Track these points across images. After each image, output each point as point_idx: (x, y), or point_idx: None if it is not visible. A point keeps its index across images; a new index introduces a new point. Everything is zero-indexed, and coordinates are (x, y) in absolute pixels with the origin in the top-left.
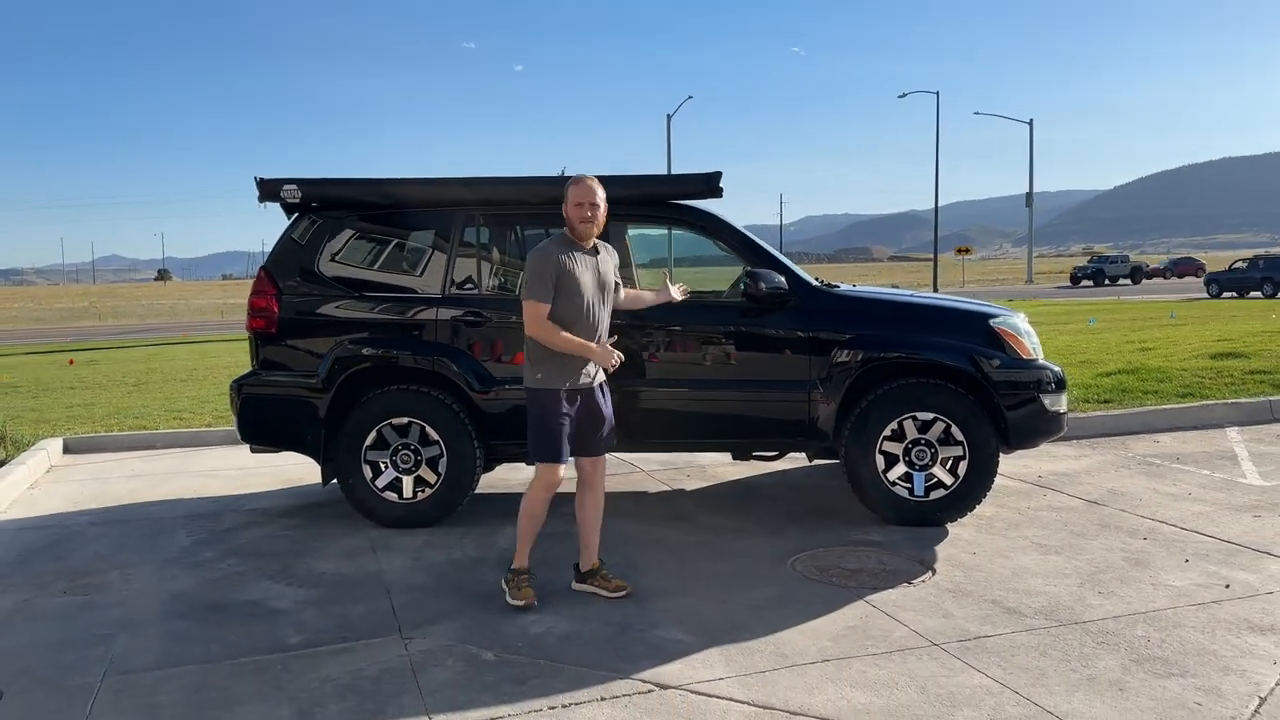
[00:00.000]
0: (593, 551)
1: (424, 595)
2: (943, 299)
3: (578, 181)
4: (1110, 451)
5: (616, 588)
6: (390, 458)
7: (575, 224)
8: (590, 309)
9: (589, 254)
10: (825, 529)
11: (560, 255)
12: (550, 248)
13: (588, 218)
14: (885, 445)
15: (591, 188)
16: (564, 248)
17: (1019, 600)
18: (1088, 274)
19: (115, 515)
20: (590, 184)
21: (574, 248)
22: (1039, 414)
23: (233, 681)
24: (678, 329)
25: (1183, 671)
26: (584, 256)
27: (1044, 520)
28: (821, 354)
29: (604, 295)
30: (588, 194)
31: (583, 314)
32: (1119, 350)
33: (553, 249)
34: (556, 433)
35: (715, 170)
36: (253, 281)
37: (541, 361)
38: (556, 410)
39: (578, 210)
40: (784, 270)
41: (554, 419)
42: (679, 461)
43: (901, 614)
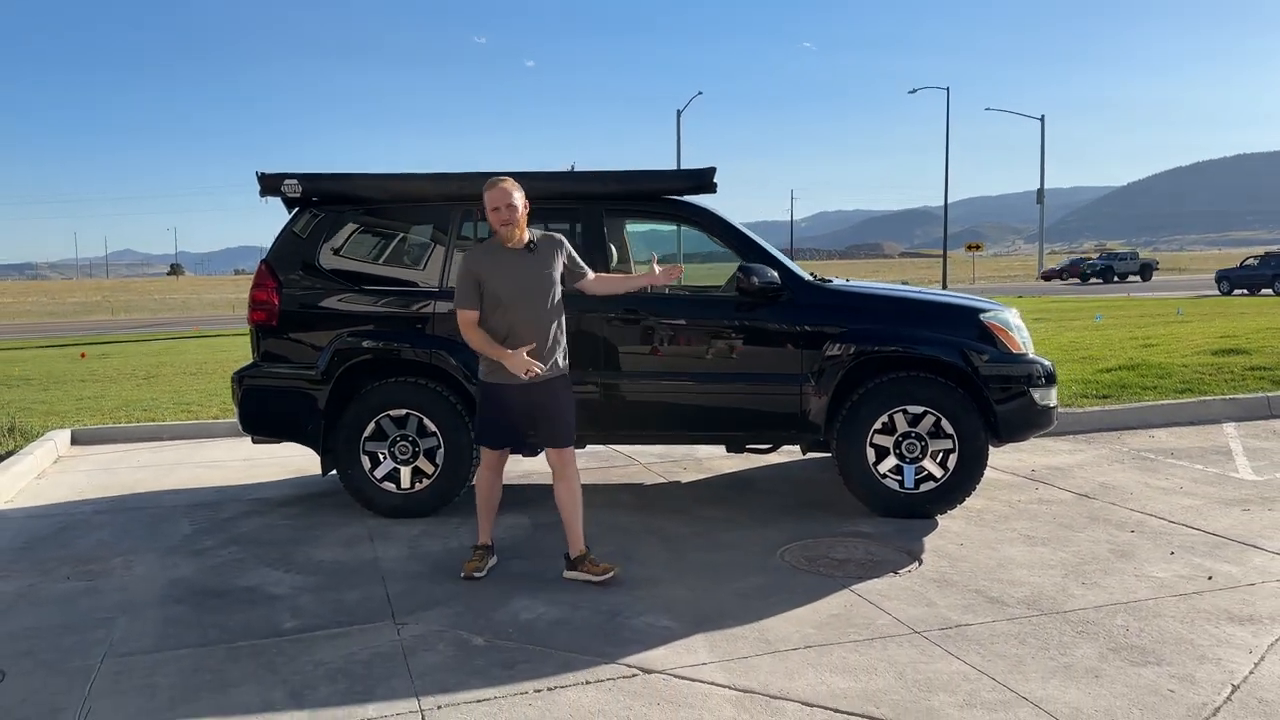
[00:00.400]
0: (577, 538)
1: (418, 582)
2: (935, 294)
3: (491, 186)
4: (1106, 446)
5: (603, 570)
6: (388, 449)
7: (496, 228)
8: (519, 308)
9: (519, 253)
10: (816, 520)
11: (481, 261)
12: (473, 254)
13: (505, 220)
14: (876, 438)
15: (505, 190)
16: (488, 252)
17: (1002, 590)
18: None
19: (120, 504)
20: (504, 187)
21: (499, 250)
22: (1028, 408)
23: (228, 664)
24: (673, 322)
25: (1159, 660)
26: (511, 256)
27: (1033, 513)
28: (813, 348)
29: (540, 294)
30: (501, 197)
31: (511, 314)
32: (1122, 346)
33: (474, 255)
34: (492, 421)
35: (709, 166)
36: (254, 275)
37: (485, 358)
38: (495, 402)
39: (494, 215)
40: (777, 265)
41: (492, 409)
42: (677, 454)
43: (886, 603)
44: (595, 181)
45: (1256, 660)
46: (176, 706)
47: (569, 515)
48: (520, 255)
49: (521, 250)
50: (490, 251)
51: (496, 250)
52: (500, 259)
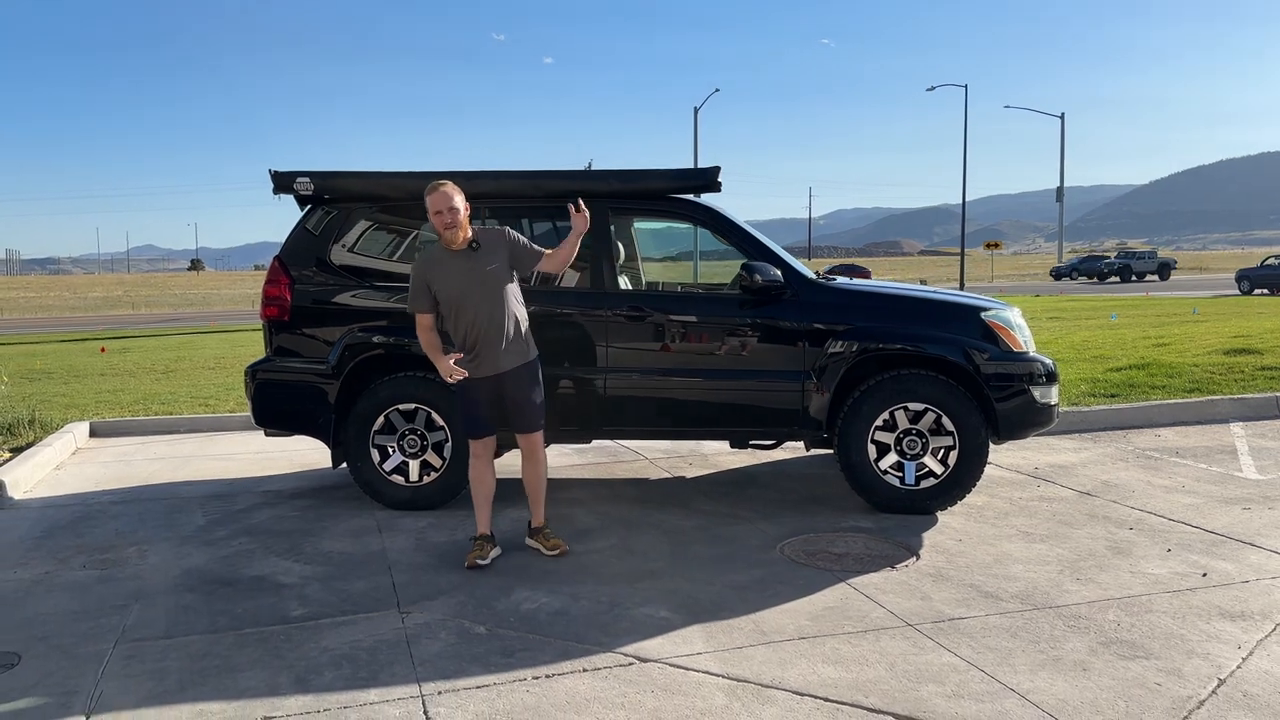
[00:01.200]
0: (539, 512)
1: (424, 573)
2: (937, 292)
3: (432, 190)
4: (1110, 444)
5: (553, 546)
6: (397, 442)
7: (440, 231)
8: (466, 310)
9: (463, 254)
10: (817, 515)
11: (431, 264)
12: (424, 258)
13: (448, 223)
14: (877, 435)
15: (446, 194)
16: (436, 256)
17: (997, 585)
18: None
19: (136, 495)
20: (444, 190)
21: (446, 253)
22: (1028, 406)
23: (236, 650)
24: (677, 319)
25: (1147, 654)
26: (455, 259)
27: (1033, 510)
28: (816, 345)
29: (486, 292)
30: (442, 201)
31: (463, 314)
32: (1134, 346)
33: (425, 259)
34: (466, 415)
35: (713, 165)
36: (267, 271)
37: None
38: (468, 397)
39: (437, 219)
40: (780, 263)
41: (466, 404)
42: (683, 450)
43: (881, 596)
44: (600, 180)
45: (1245, 655)
46: (185, 690)
47: (534, 492)
48: (464, 256)
49: (465, 251)
50: (435, 257)
51: (441, 255)
52: (445, 263)
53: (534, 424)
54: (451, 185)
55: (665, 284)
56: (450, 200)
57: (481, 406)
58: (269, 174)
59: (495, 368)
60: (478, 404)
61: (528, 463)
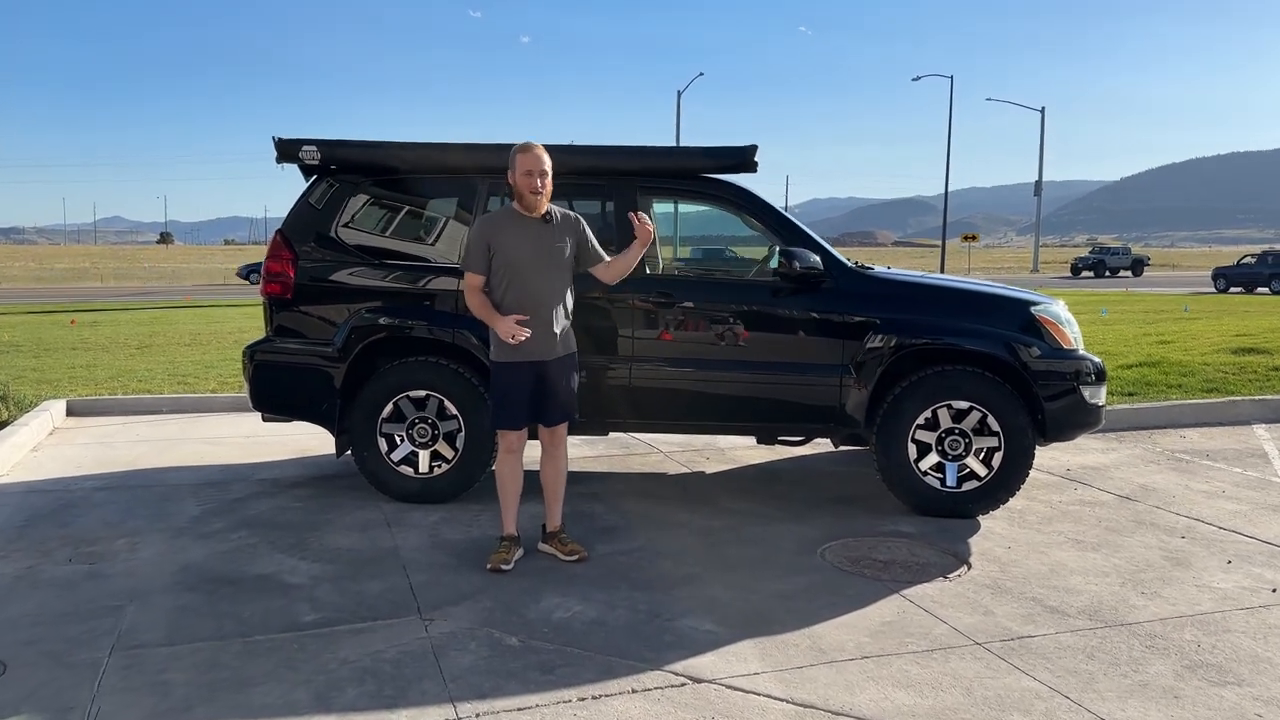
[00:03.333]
0: (556, 514)
1: (442, 574)
2: (982, 284)
3: (525, 149)
4: (1137, 445)
5: (571, 551)
6: (406, 431)
7: (524, 194)
8: (527, 281)
9: (537, 224)
10: (852, 517)
11: (499, 225)
12: (491, 217)
13: (537, 188)
14: (918, 434)
15: (540, 156)
16: (506, 218)
17: (1060, 599)
18: (1089, 264)
19: (121, 481)
20: (538, 152)
21: (518, 218)
22: (1077, 406)
23: (246, 661)
24: (705, 307)
25: (1238, 680)
26: (530, 226)
27: (1077, 515)
28: (855, 338)
29: (551, 267)
30: (536, 162)
31: (517, 285)
32: (1136, 343)
33: (493, 218)
34: (504, 402)
35: (750, 144)
36: (268, 245)
37: (494, 335)
38: (506, 382)
39: (526, 180)
40: (819, 250)
41: (505, 389)
42: (698, 443)
43: (940, 610)
44: (629, 157)
45: None
46: (194, 708)
47: (551, 492)
48: (536, 225)
49: (538, 221)
50: (506, 217)
51: (513, 217)
52: (516, 226)
53: (567, 415)
54: (543, 148)
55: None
56: (543, 162)
57: (519, 395)
58: (273, 141)
59: (544, 353)
60: (516, 391)
61: (549, 459)
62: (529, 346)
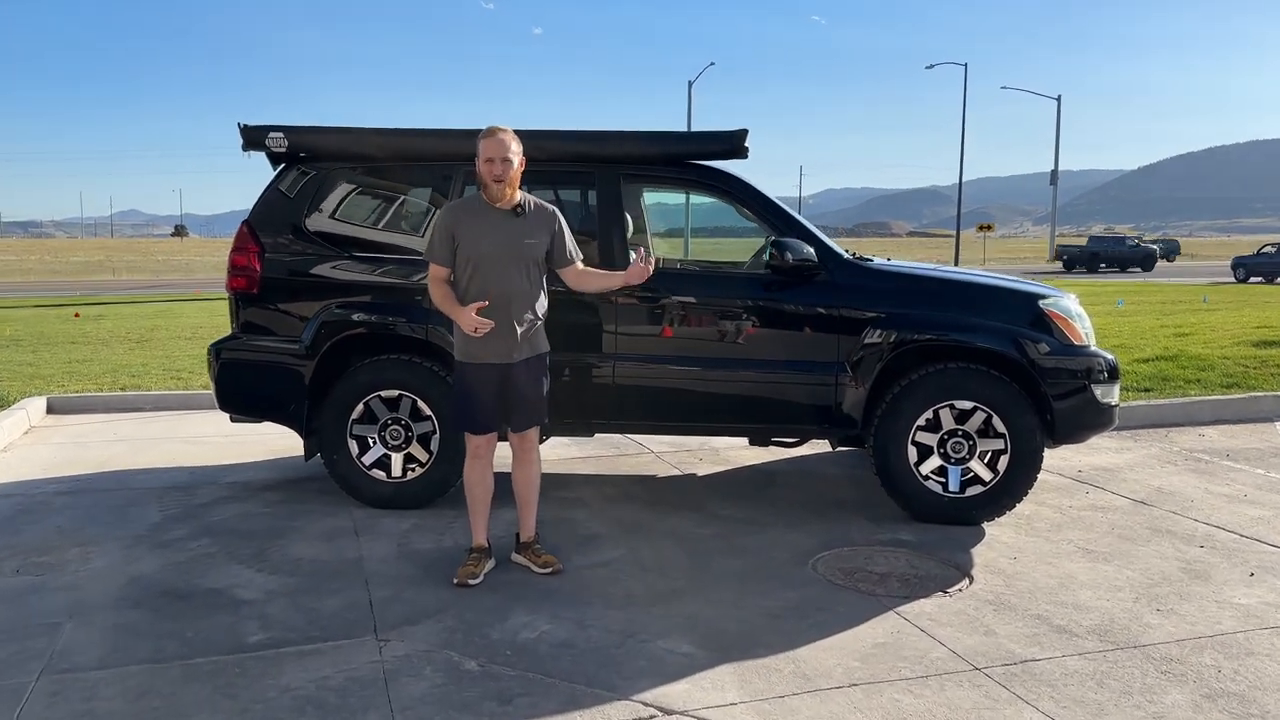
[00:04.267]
0: (530, 523)
1: (406, 588)
2: (987, 276)
3: (488, 134)
4: (1154, 444)
5: (545, 563)
6: (379, 433)
7: (486, 183)
8: (491, 276)
9: (506, 215)
10: (849, 524)
11: (463, 214)
12: (456, 205)
13: (497, 174)
14: (918, 436)
15: (501, 141)
16: (472, 207)
17: (1068, 617)
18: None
19: (87, 484)
20: (502, 137)
21: (485, 208)
22: (1089, 406)
23: (181, 687)
24: (693, 302)
25: (1263, 712)
26: (497, 217)
27: (1088, 521)
28: (851, 334)
29: (518, 262)
30: (496, 149)
31: (480, 280)
32: (1154, 335)
33: (458, 207)
34: (468, 403)
35: (740, 128)
36: (233, 237)
37: (459, 334)
38: (468, 383)
39: (488, 167)
40: (813, 240)
41: (468, 390)
42: (691, 443)
43: (938, 630)
44: (613, 142)
45: None
46: None
47: (524, 500)
48: (505, 217)
49: (507, 212)
50: (471, 206)
51: (479, 207)
52: (481, 217)
53: (534, 420)
54: (509, 133)
55: (682, 261)
56: (506, 148)
57: (483, 397)
58: (238, 128)
59: (507, 354)
60: (479, 394)
61: (520, 465)
62: (490, 347)
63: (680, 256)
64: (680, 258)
